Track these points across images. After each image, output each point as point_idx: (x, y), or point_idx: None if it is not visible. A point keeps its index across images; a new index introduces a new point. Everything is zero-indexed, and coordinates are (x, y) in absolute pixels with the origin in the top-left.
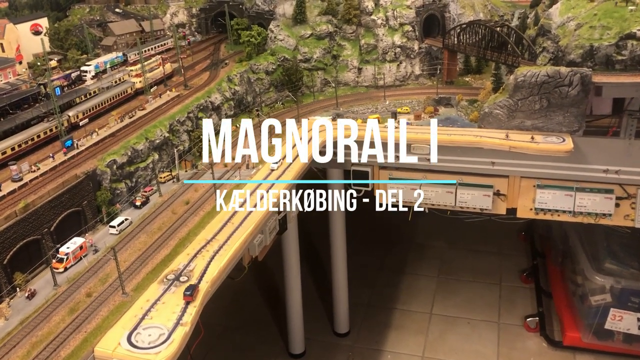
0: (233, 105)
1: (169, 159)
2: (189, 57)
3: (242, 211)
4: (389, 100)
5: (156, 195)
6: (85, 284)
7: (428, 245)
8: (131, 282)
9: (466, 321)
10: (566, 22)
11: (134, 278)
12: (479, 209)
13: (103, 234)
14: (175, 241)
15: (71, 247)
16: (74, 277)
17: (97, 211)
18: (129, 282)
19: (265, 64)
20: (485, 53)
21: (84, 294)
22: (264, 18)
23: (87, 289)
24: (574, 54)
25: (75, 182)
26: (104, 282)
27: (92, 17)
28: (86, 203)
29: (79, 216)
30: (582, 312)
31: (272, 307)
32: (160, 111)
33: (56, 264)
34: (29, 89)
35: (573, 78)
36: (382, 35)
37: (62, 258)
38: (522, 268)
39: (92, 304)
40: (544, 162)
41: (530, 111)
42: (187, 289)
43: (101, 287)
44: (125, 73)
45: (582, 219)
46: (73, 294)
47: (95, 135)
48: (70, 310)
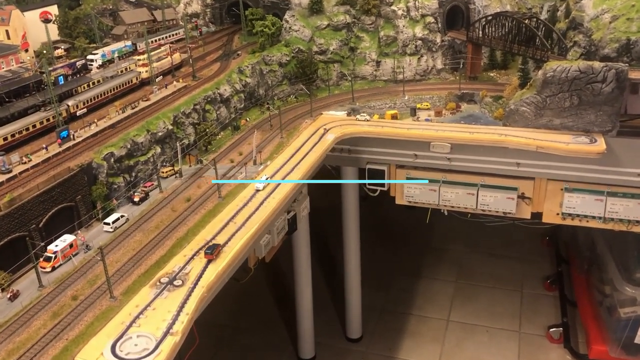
0: (243, 98)
1: (171, 153)
2: (201, 48)
3: (247, 209)
4: (408, 95)
5: (156, 191)
6: (73, 285)
7: (446, 248)
8: (121, 284)
9: (485, 329)
10: (600, 14)
11: (124, 280)
12: (502, 213)
13: (97, 232)
14: (173, 241)
15: (60, 245)
16: (62, 278)
17: (92, 207)
18: (119, 285)
19: (279, 56)
20: (512, 47)
21: (70, 296)
22: (279, 8)
23: (73, 291)
24: (608, 48)
25: (68, 176)
26: (92, 284)
27: (104, 6)
28: (80, 198)
29: (71, 212)
30: (610, 324)
31: (282, 309)
32: (165, 102)
33: (43, 263)
34: (30, 77)
35: (607, 74)
36: (403, 27)
37: (50, 257)
38: (545, 275)
39: (77, 308)
40: (573, 164)
41: (559, 109)
42: (208, 247)
43: (89, 289)
44: (132, 62)
45: (613, 225)
46: (58, 296)
47: (94, 126)
48: (53, 314)
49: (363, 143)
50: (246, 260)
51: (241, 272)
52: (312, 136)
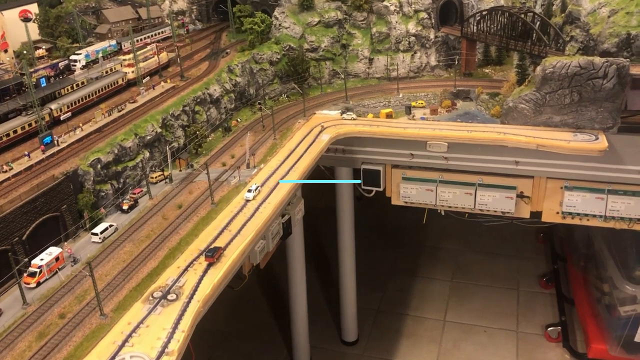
0: (234, 98)
1: (161, 157)
2: (188, 46)
3: (242, 215)
4: (402, 93)
5: (146, 197)
6: (60, 302)
7: (441, 247)
8: (112, 300)
9: (482, 329)
10: (598, 8)
11: (115, 295)
12: (501, 212)
13: (84, 243)
14: (165, 251)
15: (45, 258)
16: (47, 294)
17: (78, 217)
18: (110, 301)
19: (269, 54)
20: (508, 42)
21: (57, 314)
22: (268, 4)
23: (60, 309)
24: (607, 43)
25: (52, 184)
26: (80, 301)
27: (87, 4)
28: (65, 207)
29: (56, 223)
30: (609, 322)
31: (276, 313)
32: (152, 104)
33: (27, 278)
34: (10, 79)
35: (608, 69)
36: (396, 23)
37: (35, 272)
38: (541, 272)
39: (64, 328)
40: (573, 162)
41: (559, 106)
42: (209, 250)
43: (77, 306)
44: (117, 63)
45: (615, 224)
46: (44, 314)
47: (79, 130)
48: (39, 334)
49: (358, 143)
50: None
51: (235, 279)
52: (307, 137)
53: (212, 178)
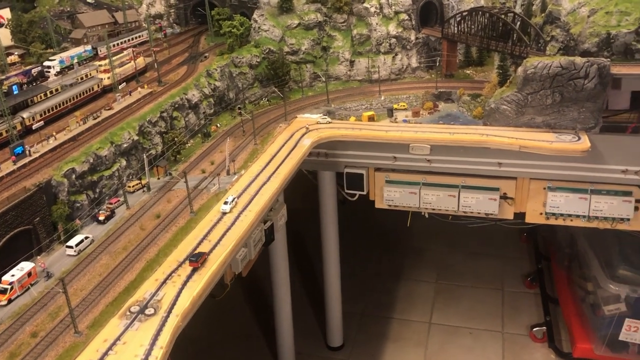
0: (213, 103)
1: (138, 166)
2: (166, 51)
3: (222, 224)
4: (384, 95)
5: (123, 207)
6: (32, 320)
7: (426, 248)
8: (87, 316)
9: (468, 331)
10: (577, 8)
11: (90, 311)
12: (484, 214)
13: (59, 256)
14: (143, 264)
15: (17, 274)
16: (19, 312)
17: (52, 229)
18: (85, 317)
19: (249, 57)
20: (489, 43)
21: (29, 333)
22: (247, 7)
23: (33, 327)
24: (588, 42)
25: (24, 197)
26: (54, 318)
27: (62, 8)
28: (39, 220)
29: (29, 236)
30: (594, 321)
31: (261, 319)
32: (129, 111)
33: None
34: None
35: (589, 69)
36: (376, 25)
37: (6, 288)
38: (525, 272)
39: (37, 347)
40: (556, 163)
41: (541, 106)
42: (193, 255)
43: (50, 323)
44: (93, 69)
45: (598, 224)
46: (15, 333)
47: (53, 140)
48: (10, 355)
49: (340, 146)
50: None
51: (217, 288)
52: (288, 141)
53: (191, 186)
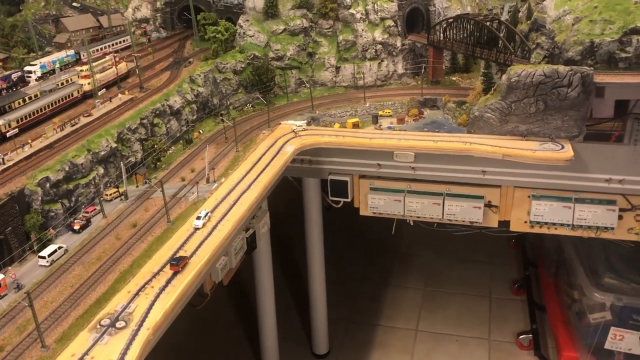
0: (196, 109)
1: (116, 173)
2: (150, 56)
3: (199, 234)
4: (369, 102)
5: (99, 216)
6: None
7: (413, 254)
8: (56, 330)
9: (455, 338)
10: (562, 15)
11: (60, 324)
12: (469, 222)
13: (31, 267)
14: (116, 275)
15: None
16: None
17: (25, 239)
18: (54, 330)
19: (233, 63)
20: (474, 50)
21: None
22: (232, 12)
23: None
24: (572, 51)
25: None
26: (21, 331)
27: (47, 12)
28: (10, 230)
29: (0, 246)
30: (580, 330)
31: (245, 325)
32: (108, 117)
33: None
34: None
35: (573, 78)
36: (362, 31)
37: None
38: (513, 279)
39: None
40: (540, 171)
41: (525, 115)
42: (174, 259)
43: (17, 337)
44: (74, 74)
45: (582, 232)
46: None
47: (28, 147)
48: None
49: (324, 153)
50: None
51: (197, 297)
52: (270, 148)
53: (170, 194)
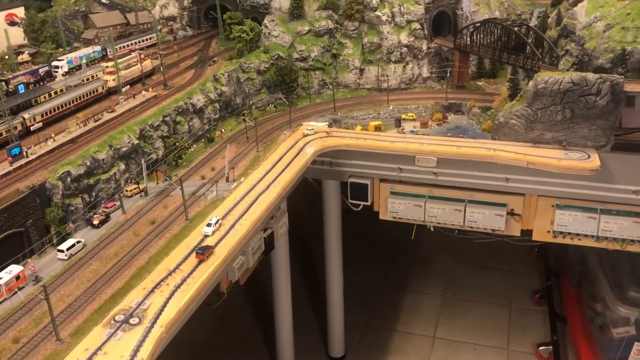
0: (218, 108)
1: (137, 170)
2: (175, 54)
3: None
4: (392, 105)
5: (119, 212)
6: (16, 325)
7: (433, 260)
8: (71, 323)
9: (472, 347)
10: (593, 22)
11: (75, 318)
12: (491, 229)
13: (50, 260)
14: (132, 271)
15: (5, 277)
16: (5, 316)
17: (45, 232)
18: (69, 324)
19: (257, 63)
20: (501, 55)
21: (11, 338)
22: (258, 12)
23: (16, 332)
24: (602, 58)
25: (16, 199)
26: (37, 324)
27: (77, 8)
28: (31, 223)
29: (21, 238)
30: (602, 343)
31: (262, 325)
32: (132, 114)
33: None
34: None
35: (602, 86)
36: (387, 33)
37: None
38: (534, 288)
39: (17, 353)
40: (565, 180)
41: (551, 122)
42: (199, 248)
43: (34, 329)
44: (100, 70)
45: (607, 244)
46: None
47: (51, 141)
48: None
49: (345, 156)
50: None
51: (213, 296)
52: (291, 149)
53: (189, 192)
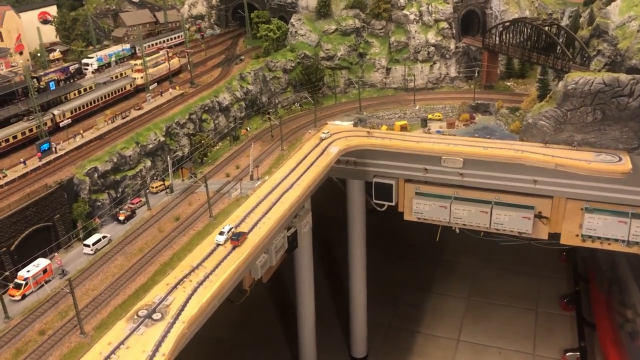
0: (244, 106)
1: (163, 167)
2: (203, 52)
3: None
4: (419, 105)
5: (144, 208)
6: (42, 317)
7: (458, 262)
8: (95, 317)
9: (497, 351)
10: (627, 21)
11: (99, 312)
12: (517, 232)
13: (76, 254)
14: (156, 267)
15: (32, 270)
16: (31, 308)
17: (72, 226)
18: (93, 318)
19: (284, 61)
20: (531, 55)
21: (37, 330)
22: (286, 11)
23: (42, 325)
24: (636, 58)
25: (45, 193)
26: (63, 317)
27: (107, 6)
28: (59, 217)
29: (48, 233)
30: (632, 351)
31: (285, 324)
32: (159, 111)
33: (12, 290)
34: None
35: (635, 87)
36: (415, 32)
37: (20, 283)
38: (562, 293)
39: (43, 345)
40: (595, 183)
41: (581, 124)
42: (234, 234)
43: (59, 322)
44: (128, 67)
45: (639, 249)
46: (25, 329)
47: (80, 137)
48: (16, 352)
49: (370, 155)
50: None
51: (236, 293)
52: (315, 149)
53: (214, 189)
